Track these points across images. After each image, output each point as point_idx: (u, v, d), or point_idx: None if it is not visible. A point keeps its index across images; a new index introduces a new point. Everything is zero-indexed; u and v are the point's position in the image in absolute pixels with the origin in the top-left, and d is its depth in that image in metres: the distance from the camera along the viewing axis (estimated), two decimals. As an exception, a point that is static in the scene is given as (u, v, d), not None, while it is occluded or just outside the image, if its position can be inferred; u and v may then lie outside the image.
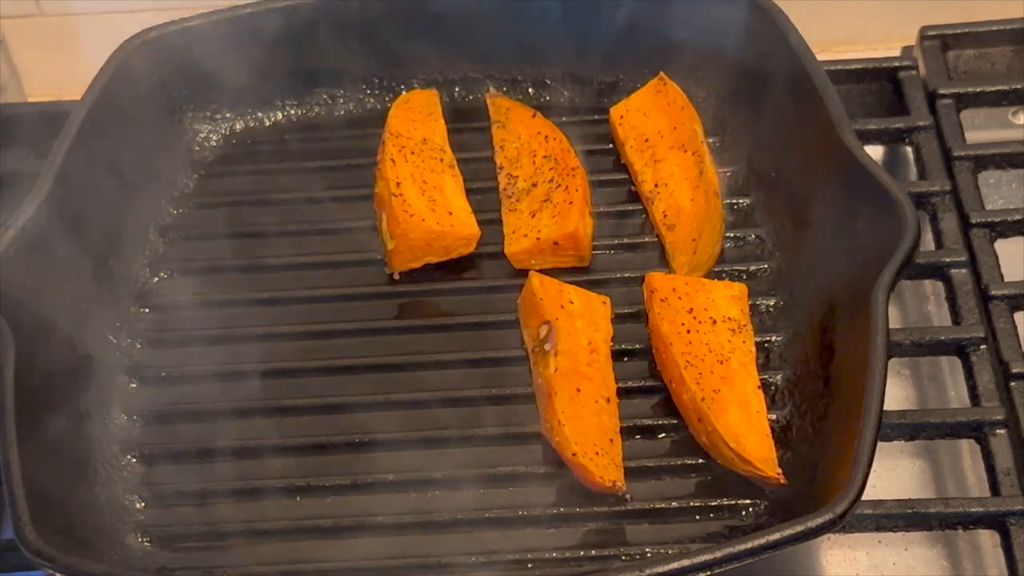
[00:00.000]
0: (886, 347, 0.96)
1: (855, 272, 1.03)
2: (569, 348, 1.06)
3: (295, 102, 1.30)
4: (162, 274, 1.19)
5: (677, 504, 1.02)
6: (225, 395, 1.11)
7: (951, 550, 1.05)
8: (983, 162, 1.22)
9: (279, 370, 1.12)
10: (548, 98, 1.31)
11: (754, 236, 1.18)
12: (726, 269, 1.16)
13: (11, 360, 0.99)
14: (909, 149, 1.26)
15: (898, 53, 1.34)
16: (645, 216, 1.21)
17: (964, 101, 1.27)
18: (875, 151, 1.27)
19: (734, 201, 1.20)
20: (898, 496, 1.04)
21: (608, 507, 1.02)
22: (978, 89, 1.28)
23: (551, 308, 1.08)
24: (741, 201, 1.21)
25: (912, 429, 1.06)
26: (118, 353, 1.13)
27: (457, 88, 1.31)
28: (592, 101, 1.29)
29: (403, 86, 1.31)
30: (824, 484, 0.95)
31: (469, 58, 1.30)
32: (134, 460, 1.07)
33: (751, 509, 1.02)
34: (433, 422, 1.08)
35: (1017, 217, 1.17)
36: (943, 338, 1.10)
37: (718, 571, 0.88)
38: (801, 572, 1.05)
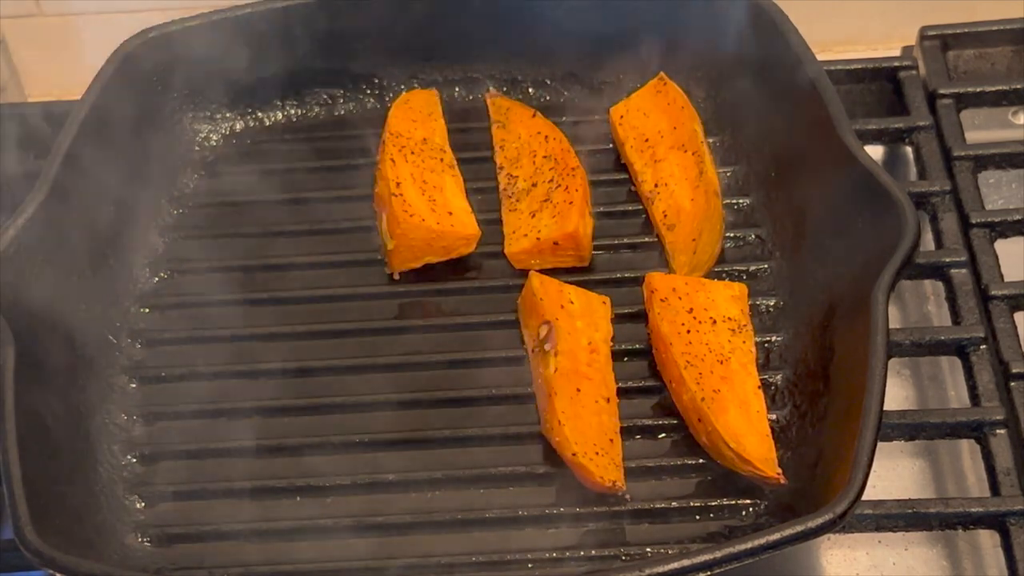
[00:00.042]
0: (886, 347, 0.96)
1: (855, 272, 1.03)
2: (569, 348, 1.06)
3: (295, 102, 1.30)
4: (162, 274, 1.19)
5: (677, 504, 1.02)
6: (225, 395, 1.11)
7: (951, 550, 1.05)
8: (983, 162, 1.22)
9: (279, 370, 1.12)
10: (548, 98, 1.31)
11: (754, 236, 1.18)
12: (726, 269, 1.16)
13: (11, 360, 0.99)
14: (909, 149, 1.26)
15: (898, 53, 1.34)
16: (645, 216, 1.21)
17: (964, 101, 1.27)
18: (875, 151, 1.27)
19: (734, 201, 1.20)
20: (898, 496, 1.04)
21: (608, 507, 1.02)
22: (978, 89, 1.28)
23: (551, 308, 1.08)
24: (741, 201, 1.21)
25: (912, 429, 1.06)
26: (118, 353, 1.13)
27: (457, 88, 1.31)
28: (592, 101, 1.29)
29: (403, 86, 1.31)
30: (824, 484, 0.95)
31: (469, 58, 1.30)
32: (134, 460, 1.08)
33: (751, 509, 1.02)
34: (433, 422, 1.08)
35: (1017, 217, 1.17)
36: (943, 338, 1.10)
37: (718, 571, 0.88)
38: (801, 572, 1.05)
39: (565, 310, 1.09)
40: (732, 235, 1.18)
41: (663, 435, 1.07)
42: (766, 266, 1.16)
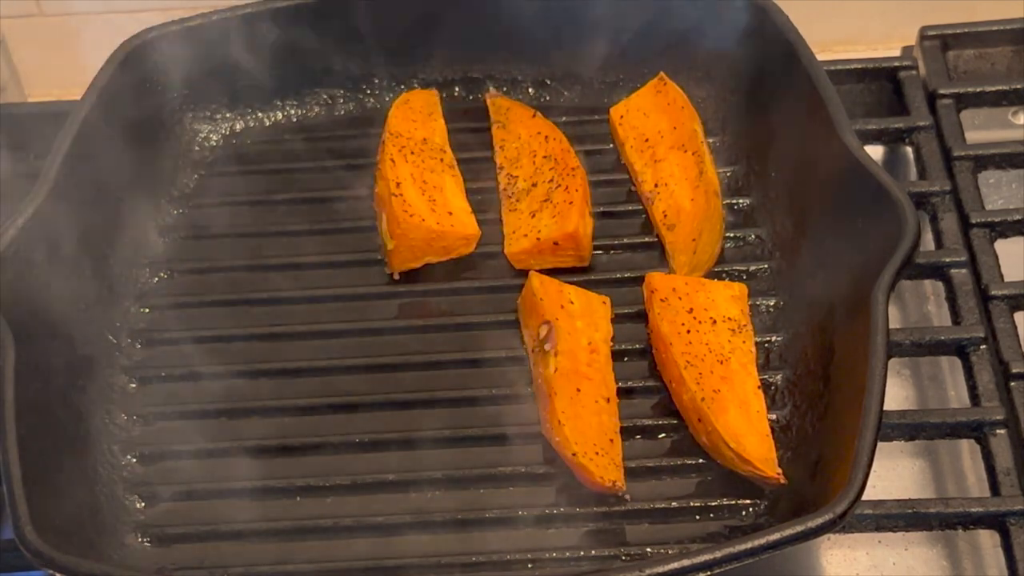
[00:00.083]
0: (886, 347, 0.96)
1: (855, 272, 1.03)
2: (569, 348, 1.06)
3: (295, 102, 1.30)
4: (162, 274, 1.19)
5: (677, 504, 1.02)
6: (225, 395, 1.10)
7: (951, 550, 1.05)
8: (983, 162, 1.22)
9: (279, 370, 1.12)
10: (548, 98, 1.31)
11: (754, 236, 1.18)
12: (726, 269, 1.16)
13: (11, 360, 0.99)
14: (909, 149, 1.26)
15: (898, 53, 1.34)
16: (645, 216, 1.21)
17: (964, 101, 1.27)
18: (875, 151, 1.27)
19: (734, 201, 1.20)
20: (898, 496, 1.04)
21: (608, 507, 1.02)
22: (978, 89, 1.28)
23: (551, 308, 1.08)
24: (741, 201, 1.21)
25: (912, 429, 1.06)
26: (118, 353, 1.13)
27: (457, 88, 1.31)
28: (592, 101, 1.29)
29: (403, 86, 1.31)
30: (824, 484, 0.95)
31: (469, 58, 1.30)
32: (134, 460, 1.07)
33: (751, 509, 1.02)
34: (433, 422, 1.08)
35: (1017, 217, 1.17)
36: (943, 338, 1.10)
37: (718, 571, 0.88)
38: (801, 572, 1.05)
39: (565, 310, 1.09)
40: (732, 235, 1.18)
41: (663, 435, 1.07)
42: (766, 266, 1.16)
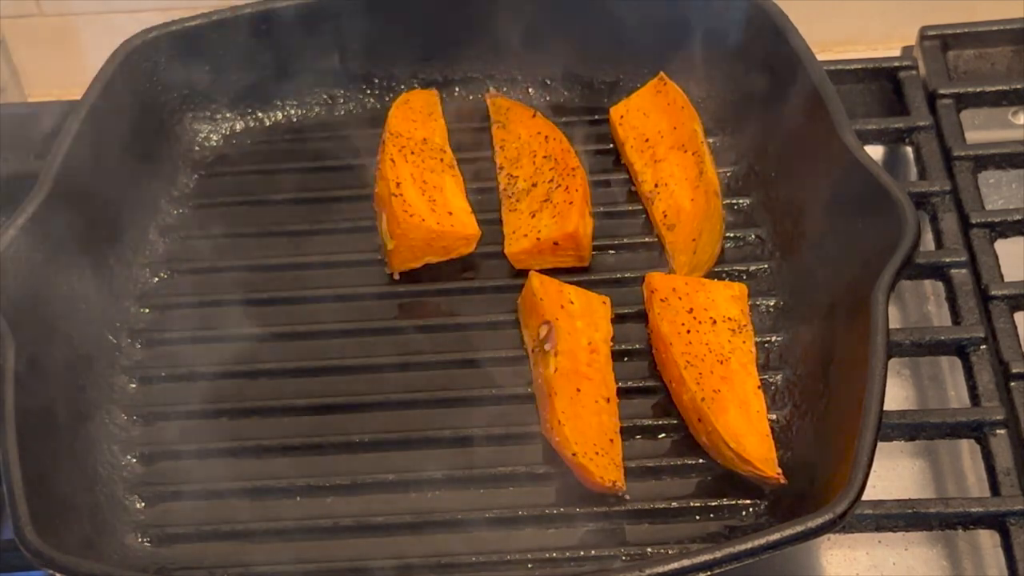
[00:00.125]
0: (886, 347, 0.96)
1: (855, 272, 1.03)
2: (569, 348, 1.06)
3: (295, 102, 1.30)
4: (162, 274, 1.19)
5: (677, 504, 1.02)
6: (225, 395, 1.11)
7: (951, 550, 1.05)
8: (983, 162, 1.22)
9: (279, 370, 1.12)
10: (548, 98, 1.31)
11: (754, 236, 1.18)
12: (726, 269, 1.16)
13: (11, 360, 0.99)
14: (909, 149, 1.26)
15: (898, 53, 1.34)
16: (645, 216, 1.21)
17: (964, 101, 1.27)
18: (875, 151, 1.27)
19: (734, 201, 1.20)
20: (898, 496, 1.04)
21: (608, 507, 1.02)
22: (978, 89, 1.28)
23: (551, 308, 1.08)
24: (741, 201, 1.21)
25: (912, 429, 1.06)
26: (118, 353, 1.13)
27: (457, 88, 1.31)
28: (592, 101, 1.29)
29: (403, 86, 1.31)
30: (824, 484, 0.95)
31: (469, 58, 1.30)
32: (134, 460, 1.07)
33: (751, 509, 1.02)
34: (433, 422, 1.08)
35: (1017, 217, 1.17)
36: (943, 338, 1.10)
37: (718, 571, 0.88)
38: (801, 572, 1.05)
39: (565, 310, 1.09)
40: (732, 235, 1.18)
41: (663, 435, 1.07)
42: (766, 266, 1.16)
